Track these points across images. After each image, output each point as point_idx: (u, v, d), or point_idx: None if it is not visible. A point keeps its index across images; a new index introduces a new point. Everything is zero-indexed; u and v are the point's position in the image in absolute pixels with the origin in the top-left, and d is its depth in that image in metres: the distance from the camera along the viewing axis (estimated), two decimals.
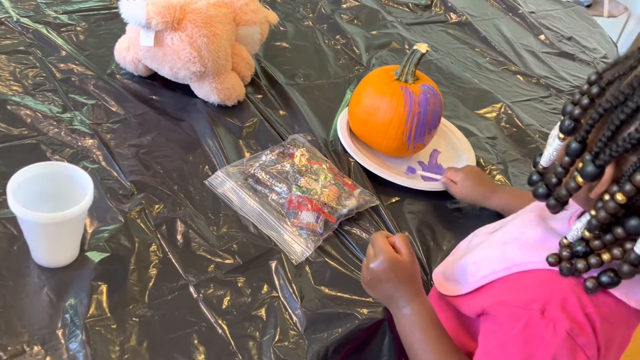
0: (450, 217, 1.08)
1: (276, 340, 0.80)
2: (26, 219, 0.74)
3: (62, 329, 0.74)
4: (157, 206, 0.94)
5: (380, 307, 0.87)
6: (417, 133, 1.10)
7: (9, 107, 1.03)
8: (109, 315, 0.77)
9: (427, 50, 1.09)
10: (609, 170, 0.57)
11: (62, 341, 0.73)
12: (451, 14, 1.78)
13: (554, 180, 0.63)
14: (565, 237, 0.64)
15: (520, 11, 1.90)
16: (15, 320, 0.74)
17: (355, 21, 1.61)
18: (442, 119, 1.21)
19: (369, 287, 0.79)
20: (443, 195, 1.11)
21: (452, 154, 1.22)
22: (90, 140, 1.02)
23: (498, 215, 1.07)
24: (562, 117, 0.62)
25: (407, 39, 1.58)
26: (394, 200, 1.08)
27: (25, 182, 0.77)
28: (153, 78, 1.19)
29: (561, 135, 0.62)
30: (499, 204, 1.03)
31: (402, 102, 1.08)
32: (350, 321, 0.85)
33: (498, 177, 1.19)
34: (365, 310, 0.86)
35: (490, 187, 1.04)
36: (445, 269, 0.83)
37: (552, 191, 0.63)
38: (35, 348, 0.72)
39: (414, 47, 1.09)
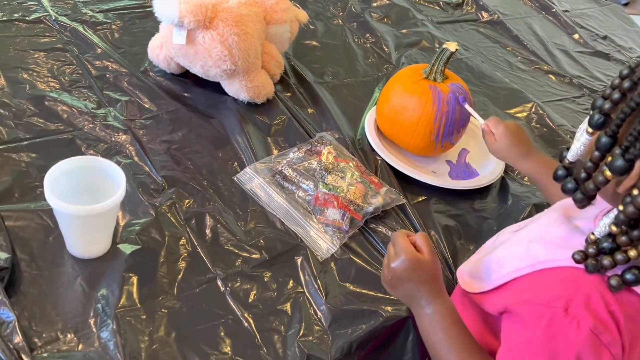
0: (477, 216, 1.07)
1: (301, 334, 0.81)
2: (61, 211, 0.77)
3: (94, 318, 0.77)
4: (187, 201, 0.96)
5: (404, 305, 0.88)
6: (445, 132, 1.10)
7: (46, 102, 1.07)
8: (139, 306, 0.80)
9: (456, 49, 1.08)
10: (638, 165, 0.57)
11: (94, 330, 0.76)
12: (483, 12, 1.77)
13: (582, 174, 0.63)
14: (593, 233, 0.64)
15: (554, 10, 1.87)
16: (50, 308, 0.77)
17: (386, 20, 1.61)
18: (471, 118, 1.20)
19: (390, 287, 0.78)
20: (470, 195, 1.10)
21: (481, 154, 1.20)
22: (124, 136, 1.04)
23: (528, 216, 1.06)
24: (592, 112, 0.62)
25: (437, 37, 1.57)
26: (420, 199, 1.08)
27: (61, 175, 0.80)
28: (185, 76, 1.22)
29: (590, 130, 0.62)
30: (528, 169, 0.99)
31: (431, 100, 1.08)
32: (374, 318, 0.85)
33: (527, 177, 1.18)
34: (389, 308, 0.87)
35: (526, 149, 1.00)
36: (469, 267, 0.82)
37: (580, 185, 0.63)
38: (69, 336, 0.75)
39: (444, 46, 1.09)
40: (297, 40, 1.36)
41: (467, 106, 1.09)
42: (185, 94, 1.18)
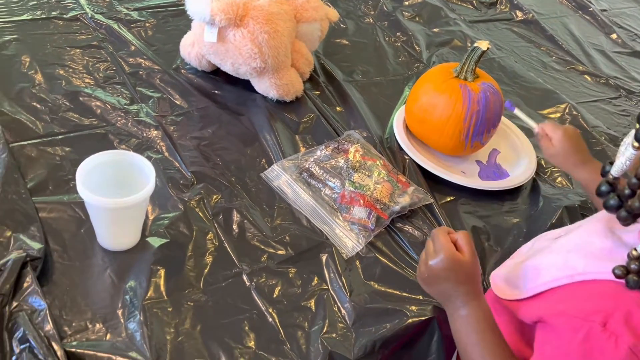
0: (506, 218, 1.05)
1: (324, 331, 0.81)
2: (93, 204, 0.79)
3: (122, 309, 0.79)
4: (215, 196, 0.97)
5: (429, 305, 0.87)
6: (475, 132, 1.08)
7: (81, 98, 1.10)
8: (165, 298, 0.81)
9: (488, 48, 1.07)
10: None
11: (122, 320, 0.77)
12: (517, 11, 1.74)
13: (627, 191, 0.60)
14: (635, 249, 0.61)
15: (591, 9, 1.83)
16: (80, 298, 0.79)
17: (417, 18, 1.60)
18: (503, 118, 1.18)
19: (426, 284, 0.76)
20: (500, 196, 1.09)
21: (513, 154, 1.19)
22: (155, 132, 1.06)
23: (559, 219, 1.04)
24: (638, 125, 0.59)
25: (469, 36, 1.56)
26: (448, 199, 1.07)
27: (93, 169, 0.82)
28: (216, 73, 1.23)
29: (636, 144, 0.59)
30: (585, 178, 0.96)
31: (461, 99, 1.06)
32: (398, 317, 0.85)
33: (560, 179, 1.15)
34: (414, 308, 0.86)
35: (583, 157, 0.98)
36: (504, 272, 0.81)
37: (624, 203, 0.61)
38: (97, 325, 0.76)
39: (475, 44, 1.07)
40: (327, 39, 1.36)
41: (517, 111, 1.08)
42: (216, 92, 1.20)
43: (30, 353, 0.70)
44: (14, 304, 0.74)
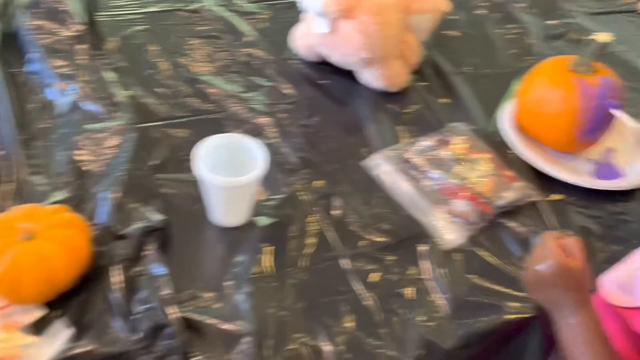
0: (619, 219, 1.00)
1: (420, 319, 0.82)
2: (208, 182, 0.85)
3: (230, 281, 0.84)
4: (318, 182, 1.01)
5: (530, 303, 0.85)
6: (589, 128, 1.04)
7: (200, 85, 1.17)
8: (270, 274, 0.86)
9: (608, 41, 1.02)
10: None
11: (230, 291, 0.83)
12: None
13: None
14: None
15: None
16: (194, 268, 0.85)
17: (532, 10, 1.54)
18: (620, 115, 1.12)
19: (532, 289, 0.75)
20: (612, 196, 1.04)
21: (629, 154, 1.12)
22: (266, 119, 1.12)
23: None
24: None
25: (587, 29, 1.48)
26: (556, 197, 1.03)
27: (210, 150, 0.88)
28: (324, 63, 1.26)
29: None
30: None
31: (576, 94, 1.02)
32: (497, 313, 0.84)
33: None
34: (514, 305, 0.85)
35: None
36: (617, 277, 0.77)
37: None
38: (208, 294, 0.82)
39: (593, 37, 1.03)
40: (437, 30, 1.35)
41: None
42: (323, 81, 1.23)
43: (149, 313, 0.77)
44: (138, 268, 0.82)
